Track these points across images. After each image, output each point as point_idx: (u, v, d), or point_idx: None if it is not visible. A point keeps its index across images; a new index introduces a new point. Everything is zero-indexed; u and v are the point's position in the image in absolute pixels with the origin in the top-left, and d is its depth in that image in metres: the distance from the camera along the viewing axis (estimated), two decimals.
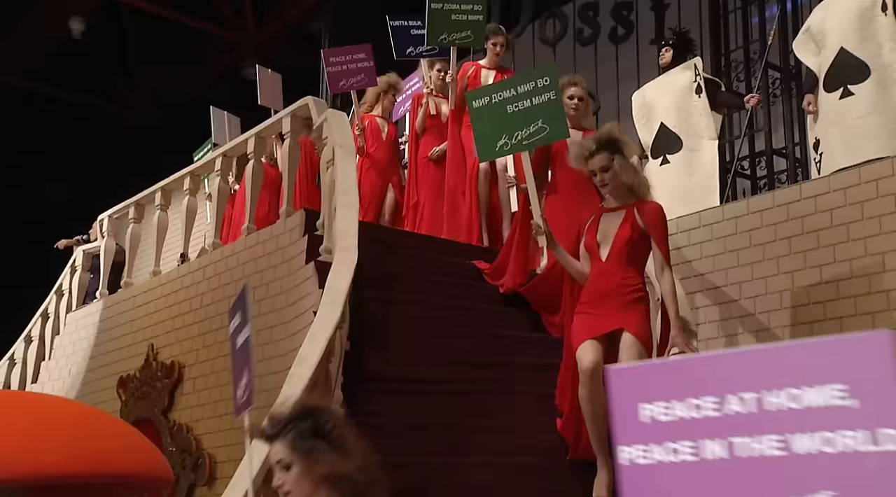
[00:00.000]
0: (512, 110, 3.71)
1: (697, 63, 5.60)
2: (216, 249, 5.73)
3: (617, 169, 3.54)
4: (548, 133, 3.73)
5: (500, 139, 3.74)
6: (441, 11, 5.56)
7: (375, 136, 6.32)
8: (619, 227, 3.55)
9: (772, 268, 4.59)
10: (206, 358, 5.48)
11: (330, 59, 6.29)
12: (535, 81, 3.67)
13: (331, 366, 3.67)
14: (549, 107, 3.74)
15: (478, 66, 5.88)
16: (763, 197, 4.87)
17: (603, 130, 3.65)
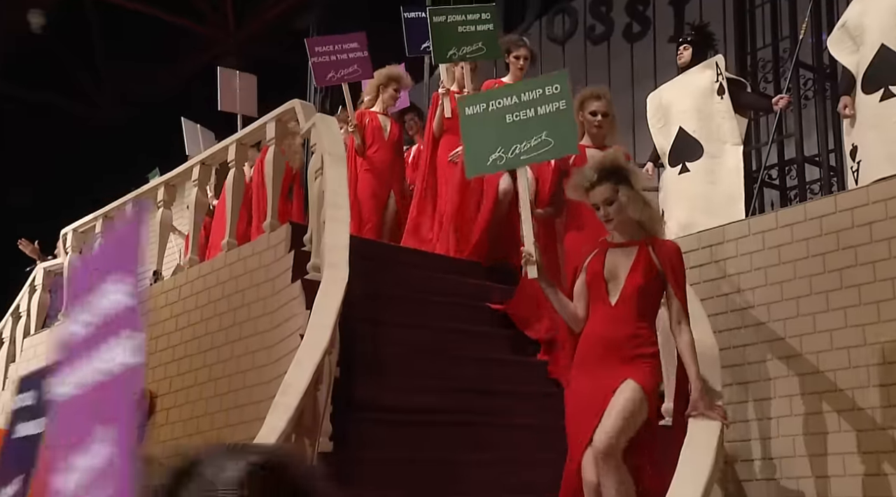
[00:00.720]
0: (512, 120, 3.53)
1: (719, 61, 5.65)
2: (193, 267, 5.78)
3: (623, 202, 3.39)
4: (552, 147, 3.50)
5: (494, 152, 3.55)
6: (445, 24, 5.53)
7: (377, 135, 6.22)
8: (633, 267, 3.38)
9: (804, 287, 4.64)
10: (180, 386, 5.52)
11: (315, 49, 6.15)
12: (544, 89, 3.51)
13: (319, 394, 3.71)
14: (558, 117, 3.53)
15: (500, 82, 5.76)
16: (794, 209, 4.92)
17: (606, 156, 3.55)
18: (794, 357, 4.64)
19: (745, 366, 4.83)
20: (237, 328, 5.10)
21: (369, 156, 6.18)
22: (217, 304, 5.34)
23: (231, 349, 5.09)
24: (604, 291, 3.39)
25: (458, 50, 5.53)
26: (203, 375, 5.29)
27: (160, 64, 12.81)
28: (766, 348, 4.76)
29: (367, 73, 6.23)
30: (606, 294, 3.39)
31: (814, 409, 4.50)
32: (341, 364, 4.03)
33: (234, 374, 4.99)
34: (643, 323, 3.38)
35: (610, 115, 4.60)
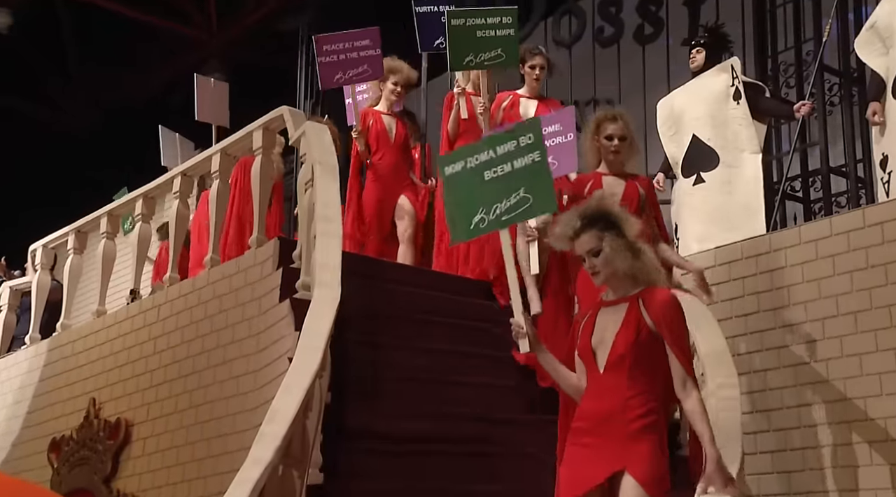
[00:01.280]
0: (490, 177, 3.45)
1: (735, 64, 5.70)
2: (173, 285, 5.81)
3: (609, 253, 3.19)
4: (531, 205, 3.41)
5: (476, 214, 3.44)
6: (464, 28, 5.45)
7: (381, 138, 6.17)
8: (621, 326, 3.16)
9: (830, 307, 4.67)
10: (158, 414, 5.53)
11: (324, 48, 6.00)
12: (517, 140, 3.41)
13: (308, 422, 3.73)
14: (534, 171, 3.43)
15: (515, 95, 5.84)
16: (818, 224, 4.96)
17: (591, 202, 3.38)
18: (820, 383, 4.65)
19: (766, 392, 4.85)
20: (220, 351, 5.12)
21: (374, 162, 6.13)
22: (199, 325, 5.36)
23: (214, 374, 5.11)
24: (592, 359, 3.20)
25: (475, 56, 5.47)
26: (183, 402, 5.30)
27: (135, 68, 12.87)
28: (790, 374, 4.78)
29: (378, 73, 6.13)
30: (595, 361, 3.19)
31: (843, 440, 4.51)
32: (333, 389, 4.05)
33: (216, 400, 5.00)
34: (637, 389, 3.10)
35: (628, 138, 4.50)
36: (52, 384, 6.67)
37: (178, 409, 5.33)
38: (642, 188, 4.56)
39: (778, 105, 6.15)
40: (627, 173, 4.56)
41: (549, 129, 4.70)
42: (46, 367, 6.81)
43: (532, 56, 5.75)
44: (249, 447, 3.54)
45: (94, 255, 6.94)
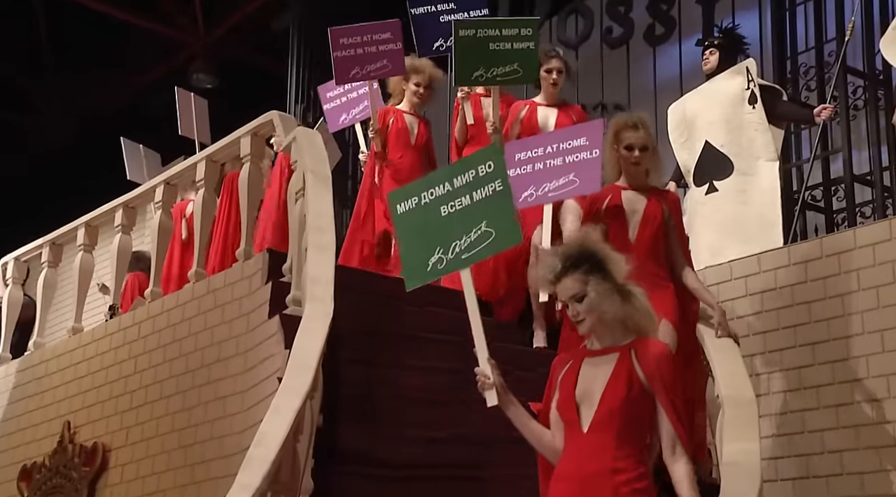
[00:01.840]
0: (448, 212, 3.34)
1: (750, 66, 5.73)
2: (155, 300, 5.82)
3: (594, 298, 3.02)
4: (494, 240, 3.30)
5: (433, 254, 3.34)
6: (473, 40, 5.22)
7: (401, 138, 6.12)
8: (609, 381, 2.98)
9: (855, 325, 4.68)
10: (138, 438, 5.53)
11: (340, 41, 5.88)
12: (476, 169, 3.32)
13: (299, 445, 3.74)
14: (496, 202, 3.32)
15: (532, 104, 5.65)
16: (841, 236, 4.98)
17: (573, 241, 3.25)
18: (844, 406, 4.66)
19: (786, 415, 4.85)
20: (205, 370, 5.12)
21: (393, 162, 6.08)
22: (182, 342, 5.37)
23: (198, 395, 5.11)
24: (575, 415, 3.00)
25: (486, 71, 5.27)
26: (165, 425, 5.31)
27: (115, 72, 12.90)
28: (812, 395, 4.79)
29: (399, 68, 6.02)
30: (578, 419, 2.99)
31: (871, 467, 4.51)
32: (324, 411, 4.06)
33: (201, 423, 5.01)
34: (625, 453, 2.94)
35: (650, 148, 4.32)
36: (22, 407, 6.67)
37: (160, 433, 5.33)
38: (667, 205, 4.36)
39: (797, 109, 6.18)
40: (650, 187, 4.39)
41: (574, 142, 4.51)
42: (17, 388, 6.81)
43: (548, 59, 5.53)
44: (236, 473, 3.54)
45: (70, 269, 6.95)
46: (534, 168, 4.57)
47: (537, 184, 4.50)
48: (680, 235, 4.40)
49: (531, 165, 4.58)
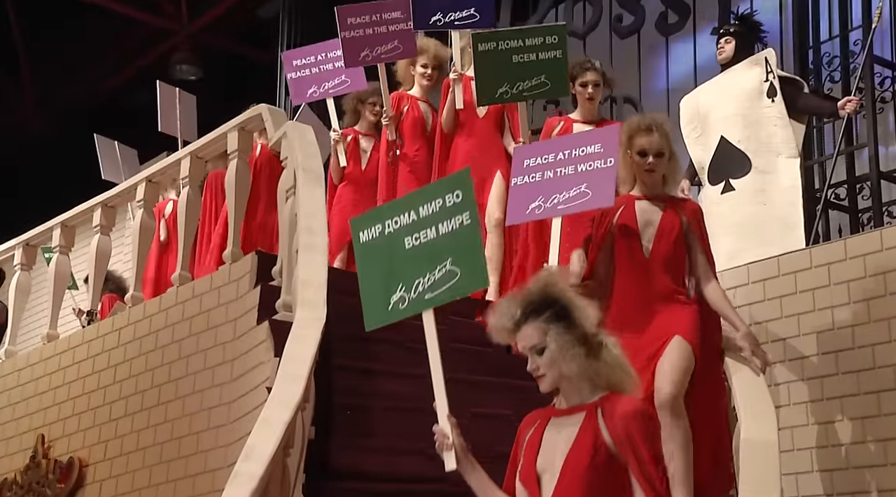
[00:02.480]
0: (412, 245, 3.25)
1: (769, 56, 5.73)
2: (136, 305, 5.83)
3: (554, 351, 2.80)
4: (458, 281, 3.15)
5: (394, 292, 3.23)
6: (494, 54, 5.10)
7: (417, 128, 6.10)
8: (573, 446, 2.76)
9: (881, 332, 4.68)
10: (116, 453, 5.54)
11: (348, 21, 5.87)
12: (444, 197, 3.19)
13: (289, 460, 3.75)
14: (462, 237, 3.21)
15: (567, 120, 5.46)
16: (867, 236, 4.98)
17: (534, 284, 2.95)
18: (871, 418, 4.66)
19: (808, 427, 4.86)
20: (190, 380, 5.13)
21: (409, 156, 6.05)
22: (165, 350, 5.38)
23: (182, 406, 5.12)
24: (535, 488, 2.80)
25: (511, 86, 5.12)
26: (147, 438, 5.31)
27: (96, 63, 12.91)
28: (836, 406, 4.79)
29: (411, 50, 5.98)
30: (539, 492, 2.79)
31: None
32: (317, 423, 4.07)
33: (185, 436, 5.02)
34: None
35: (666, 154, 4.19)
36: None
37: (141, 447, 5.34)
38: (685, 215, 4.22)
39: (819, 102, 6.18)
40: (667, 197, 4.27)
41: (588, 149, 4.35)
42: None
43: (583, 71, 5.32)
44: (222, 489, 3.56)
45: (45, 272, 6.96)
46: (543, 176, 4.39)
47: (546, 194, 4.32)
48: (704, 249, 4.24)
49: (541, 173, 4.40)
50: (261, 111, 5.56)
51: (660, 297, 4.14)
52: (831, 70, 7.32)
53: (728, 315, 4.22)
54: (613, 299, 4.20)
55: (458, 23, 5.80)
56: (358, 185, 6.37)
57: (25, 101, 13.45)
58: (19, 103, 13.45)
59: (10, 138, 13.36)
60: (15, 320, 7.00)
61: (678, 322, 4.06)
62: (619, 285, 4.21)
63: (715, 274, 4.29)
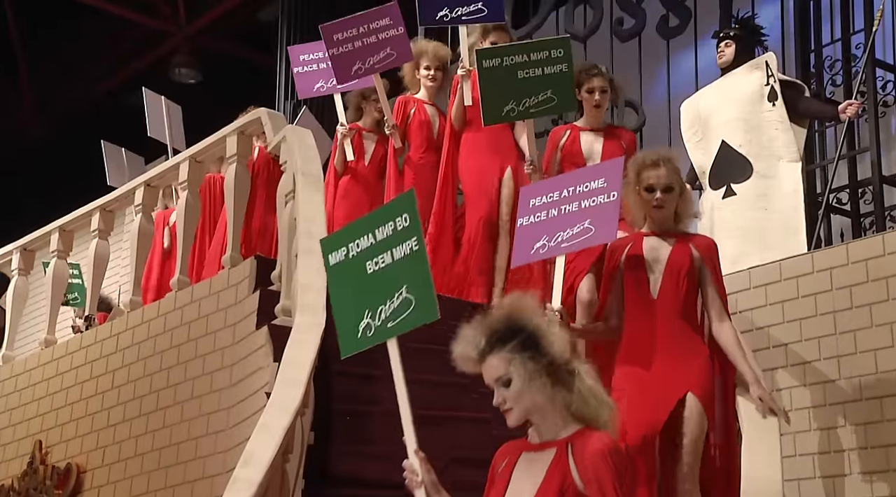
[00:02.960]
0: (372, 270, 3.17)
1: (770, 60, 5.74)
2: (135, 310, 5.83)
3: (519, 384, 2.68)
4: (413, 311, 3.09)
5: (362, 318, 3.14)
6: (500, 70, 5.00)
7: (424, 132, 6.06)
8: (541, 485, 2.67)
9: (884, 337, 4.68)
10: (114, 459, 5.54)
11: (334, 37, 5.84)
12: (394, 220, 3.11)
13: (288, 466, 3.75)
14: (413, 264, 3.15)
15: (574, 128, 5.32)
16: (869, 241, 4.98)
17: (498, 311, 2.83)
18: (873, 424, 4.65)
19: (810, 433, 4.86)
20: (188, 385, 5.14)
21: (413, 161, 6.03)
22: (164, 355, 5.38)
23: (180, 411, 5.13)
24: None
25: (517, 104, 5.01)
26: (145, 444, 5.32)
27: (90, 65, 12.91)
28: (838, 411, 4.79)
29: (406, 55, 5.93)
30: None
31: None
32: (316, 429, 4.07)
33: (183, 441, 5.02)
34: None
35: (675, 188, 4.08)
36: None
37: (139, 453, 5.34)
38: (698, 251, 4.08)
39: (820, 106, 6.19)
40: (678, 233, 4.13)
41: (592, 184, 4.20)
42: None
43: (589, 77, 5.18)
44: (220, 495, 3.56)
45: (43, 277, 6.96)
46: (548, 215, 4.24)
47: (551, 233, 4.18)
48: (717, 287, 4.09)
49: (546, 212, 4.25)
50: (260, 115, 5.57)
51: (671, 339, 3.99)
52: (833, 74, 7.32)
53: (738, 362, 4.03)
54: (622, 343, 4.08)
55: (465, 18, 5.74)
56: (362, 181, 6.36)
57: (24, 106, 13.46)
58: (18, 107, 13.47)
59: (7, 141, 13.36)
60: (12, 325, 7.00)
61: (692, 374, 3.92)
62: (629, 328, 4.07)
63: (728, 314, 4.12)
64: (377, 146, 6.37)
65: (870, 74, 6.66)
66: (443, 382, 4.63)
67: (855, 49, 7.17)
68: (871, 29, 6.32)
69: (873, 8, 6.78)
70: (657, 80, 8.26)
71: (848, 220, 7.00)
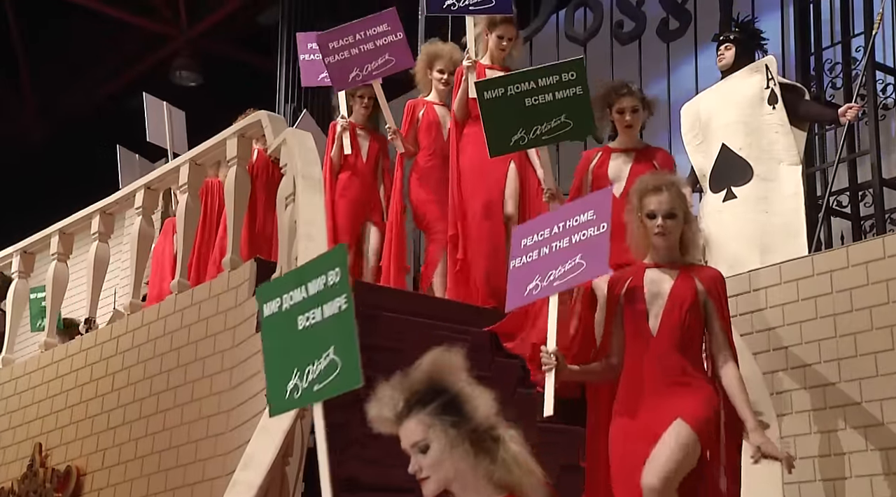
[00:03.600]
0: (303, 326, 2.99)
1: (770, 63, 5.75)
2: (135, 313, 5.83)
3: (439, 451, 2.45)
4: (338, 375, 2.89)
5: (290, 379, 2.92)
6: (504, 100, 4.73)
7: (431, 133, 6.00)
8: None
9: (884, 340, 4.68)
10: (115, 461, 5.54)
11: (330, 46, 5.79)
12: (325, 275, 2.92)
13: (288, 469, 3.75)
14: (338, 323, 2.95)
15: (606, 150, 5.04)
16: (870, 244, 4.98)
17: (419, 370, 2.59)
18: (873, 427, 4.66)
19: (810, 436, 4.86)
20: (188, 388, 5.14)
21: (420, 165, 5.99)
22: (164, 358, 5.38)
23: (180, 414, 5.12)
24: None
25: (527, 132, 4.73)
26: (145, 447, 5.31)
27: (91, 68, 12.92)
28: (838, 415, 4.79)
29: (406, 61, 5.89)
30: None
31: None
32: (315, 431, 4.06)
33: (183, 444, 5.02)
34: None
35: (678, 215, 3.83)
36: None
37: (139, 455, 5.34)
38: (703, 284, 3.82)
39: (820, 110, 6.19)
40: (683, 264, 3.87)
41: (581, 217, 3.97)
42: None
43: (618, 97, 4.84)
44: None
45: (44, 280, 6.96)
46: (539, 254, 4.01)
47: (543, 272, 3.93)
48: (723, 324, 3.84)
49: (537, 251, 4.02)
50: (260, 118, 5.57)
51: (669, 378, 3.76)
52: (833, 76, 7.33)
53: (739, 407, 3.77)
54: (622, 382, 3.87)
55: (473, 8, 5.64)
56: (360, 177, 6.36)
57: (26, 110, 13.47)
58: (20, 112, 13.48)
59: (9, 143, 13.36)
60: (12, 328, 7.01)
61: (685, 404, 3.69)
62: (628, 366, 3.85)
63: (734, 354, 3.86)
64: (371, 142, 6.39)
65: (870, 77, 6.67)
66: None
67: (855, 52, 7.18)
68: (871, 32, 6.32)
69: (873, 11, 6.78)
70: (657, 84, 8.26)
71: (848, 222, 7.01)
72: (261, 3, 11.53)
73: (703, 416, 3.70)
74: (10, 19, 12.56)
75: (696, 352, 3.83)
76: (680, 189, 3.89)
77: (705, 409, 3.73)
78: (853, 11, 7.25)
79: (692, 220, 3.96)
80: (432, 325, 5.14)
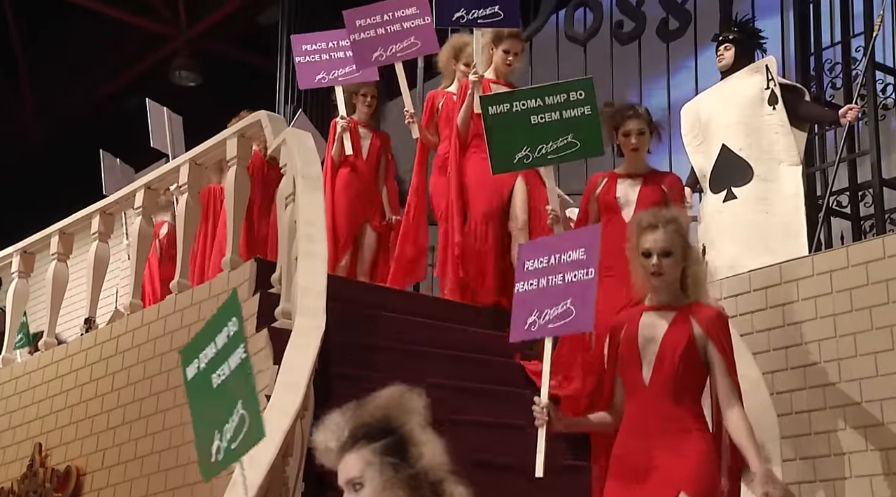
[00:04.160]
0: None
1: (770, 64, 5.75)
2: (135, 313, 5.83)
3: (370, 494, 2.28)
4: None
5: (213, 441, 2.84)
6: (509, 117, 4.64)
7: (451, 125, 5.85)
8: None
9: (884, 340, 4.68)
10: (115, 461, 5.54)
11: (356, 23, 5.71)
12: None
13: (288, 469, 3.75)
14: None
15: (612, 175, 4.87)
16: (870, 244, 4.98)
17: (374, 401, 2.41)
18: (873, 427, 4.66)
19: (810, 436, 4.85)
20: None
21: (439, 155, 5.91)
22: (164, 358, 5.38)
23: (180, 414, 5.11)
24: None
25: (532, 151, 4.64)
26: (145, 447, 5.31)
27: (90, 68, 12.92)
28: (838, 415, 4.79)
29: (431, 45, 5.81)
30: None
31: None
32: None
33: (182, 444, 5.01)
34: None
35: (675, 253, 3.60)
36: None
37: (138, 455, 5.33)
38: (700, 326, 3.58)
39: (820, 110, 6.21)
40: (680, 305, 3.64)
41: (573, 255, 3.83)
42: None
43: (624, 119, 4.68)
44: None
45: (44, 280, 6.96)
46: (538, 284, 3.87)
47: (540, 309, 3.81)
48: (726, 367, 3.59)
49: (537, 280, 3.88)
50: (260, 118, 5.57)
51: (664, 428, 3.55)
52: (833, 77, 7.33)
53: (747, 452, 3.51)
54: (618, 435, 3.67)
55: (481, 21, 5.57)
56: (361, 175, 6.37)
57: (25, 110, 13.47)
58: (19, 112, 13.47)
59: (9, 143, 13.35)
60: (12, 328, 7.00)
61: (685, 470, 3.48)
62: (626, 417, 3.66)
63: (739, 398, 3.60)
64: (373, 140, 6.42)
65: (870, 78, 6.69)
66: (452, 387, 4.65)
67: (855, 52, 7.19)
68: (871, 32, 6.33)
69: (873, 11, 6.80)
70: (657, 84, 8.26)
71: (848, 223, 7.02)
72: (261, 3, 11.52)
73: (705, 487, 3.50)
74: (9, 19, 12.55)
75: (692, 397, 3.62)
76: (679, 226, 3.67)
77: (707, 470, 3.54)
78: (853, 12, 7.26)
79: (694, 257, 3.72)
80: (432, 325, 5.15)
